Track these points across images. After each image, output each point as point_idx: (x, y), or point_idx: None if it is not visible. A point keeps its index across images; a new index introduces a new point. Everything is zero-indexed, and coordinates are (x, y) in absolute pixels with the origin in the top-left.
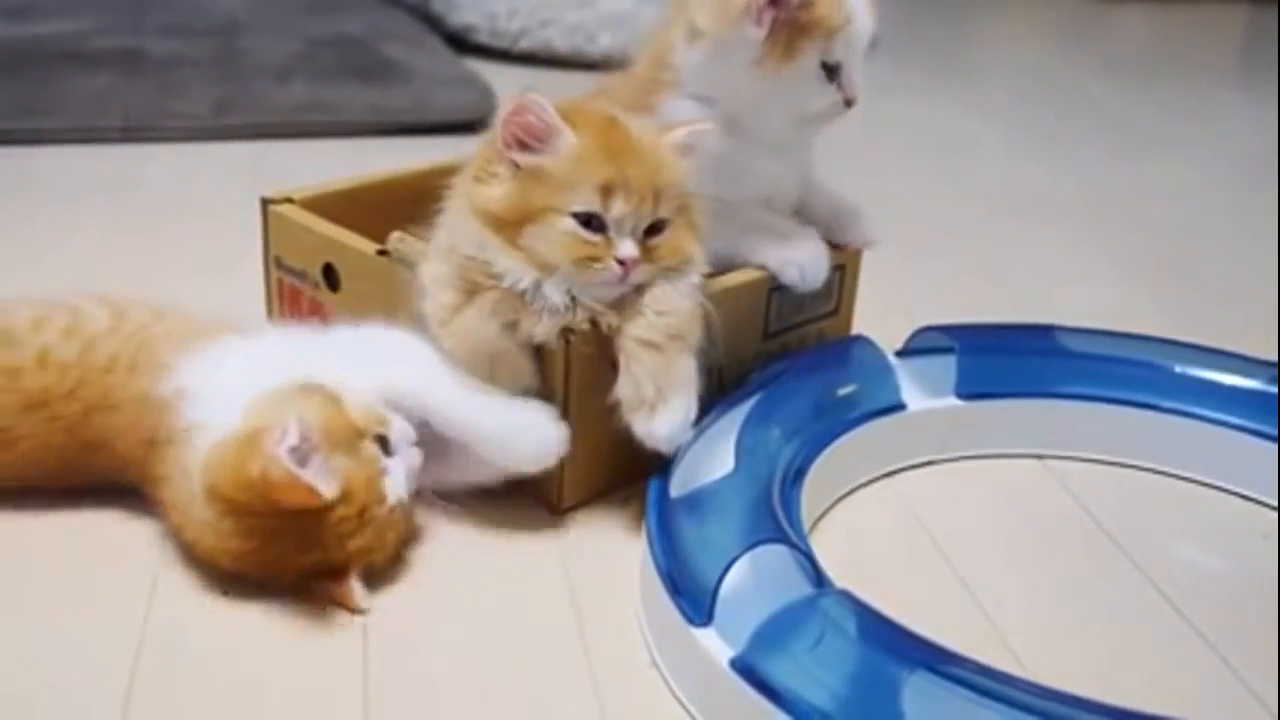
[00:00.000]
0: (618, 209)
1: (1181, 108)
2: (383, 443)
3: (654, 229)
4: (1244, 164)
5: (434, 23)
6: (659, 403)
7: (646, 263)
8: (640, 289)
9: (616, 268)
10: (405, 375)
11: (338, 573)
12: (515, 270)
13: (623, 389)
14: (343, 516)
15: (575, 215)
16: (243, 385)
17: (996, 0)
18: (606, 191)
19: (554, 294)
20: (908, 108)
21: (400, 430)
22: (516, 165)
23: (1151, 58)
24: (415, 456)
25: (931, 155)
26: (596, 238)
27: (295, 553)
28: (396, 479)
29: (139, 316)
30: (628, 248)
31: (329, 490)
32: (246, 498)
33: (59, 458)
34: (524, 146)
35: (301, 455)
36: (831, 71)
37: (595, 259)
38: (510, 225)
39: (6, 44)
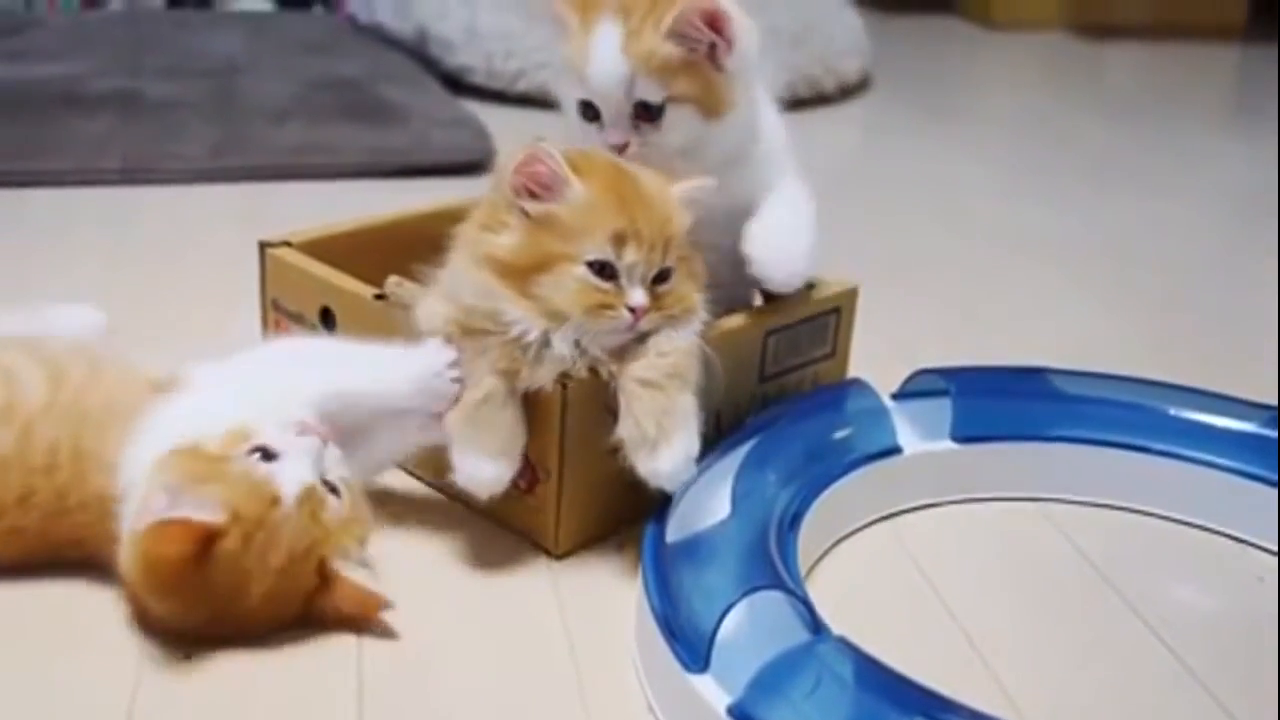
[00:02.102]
0: (630, 257)
1: (1175, 146)
2: (264, 452)
3: (661, 277)
4: (1239, 204)
5: (431, 64)
6: (661, 441)
7: (654, 311)
8: (642, 335)
9: (627, 316)
10: (309, 382)
11: (326, 585)
12: (524, 320)
13: (625, 429)
14: (247, 533)
15: (589, 264)
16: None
17: (987, 38)
18: (619, 240)
19: (562, 344)
20: (900, 146)
21: (277, 430)
22: (527, 214)
23: (1144, 96)
24: (313, 442)
25: (925, 194)
26: (608, 285)
27: (244, 594)
28: (289, 472)
29: (75, 377)
30: (639, 296)
31: (212, 514)
32: (165, 577)
33: (25, 556)
34: (533, 195)
35: (175, 507)
36: (588, 110)
37: (608, 307)
38: (521, 274)
39: (5, 86)
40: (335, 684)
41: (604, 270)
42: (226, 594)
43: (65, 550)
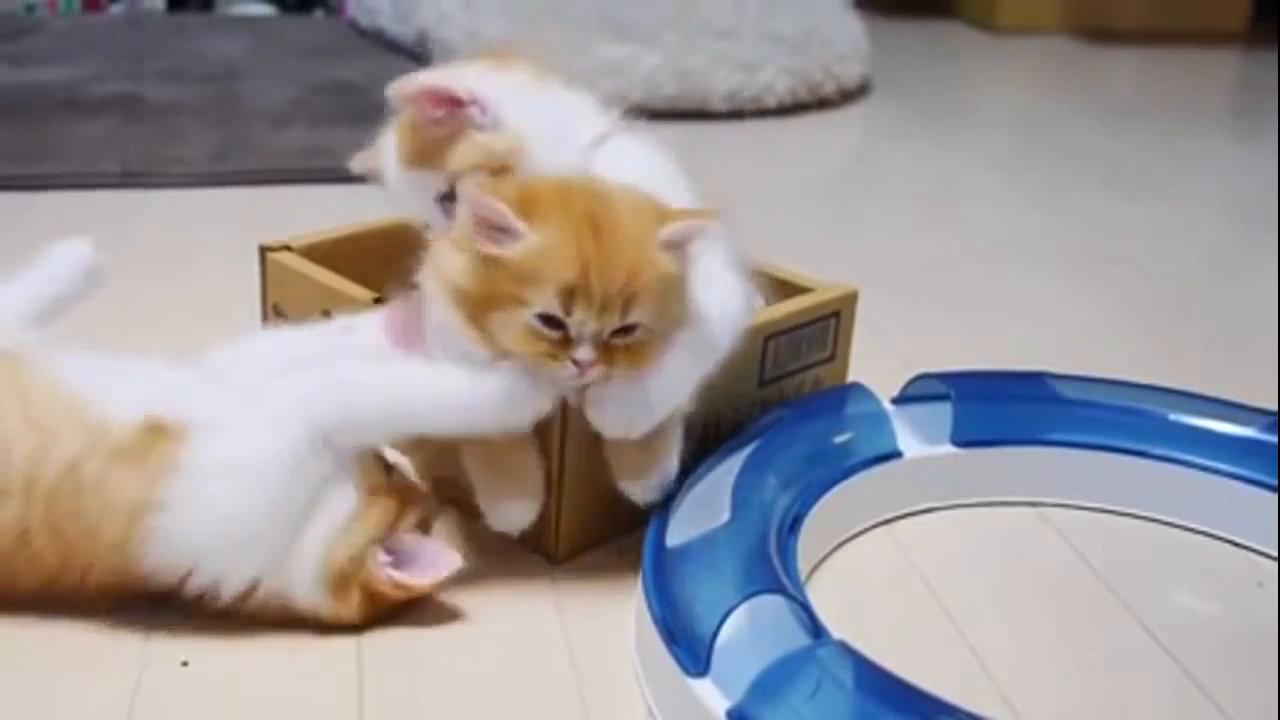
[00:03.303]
0: (578, 315)
1: (1176, 151)
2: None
3: (627, 330)
4: (1239, 208)
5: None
6: (646, 464)
7: (605, 364)
8: None
9: (572, 368)
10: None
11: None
12: (470, 347)
13: (611, 450)
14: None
15: (537, 315)
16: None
17: (988, 42)
18: (567, 296)
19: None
20: (900, 150)
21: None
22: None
23: (1144, 100)
24: None
25: (925, 199)
26: (556, 334)
27: None
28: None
29: (66, 446)
30: (584, 352)
31: (440, 573)
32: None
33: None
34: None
35: (396, 558)
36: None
37: (553, 357)
38: (473, 304)
39: (6, 90)
40: (334, 687)
41: (552, 321)
42: None
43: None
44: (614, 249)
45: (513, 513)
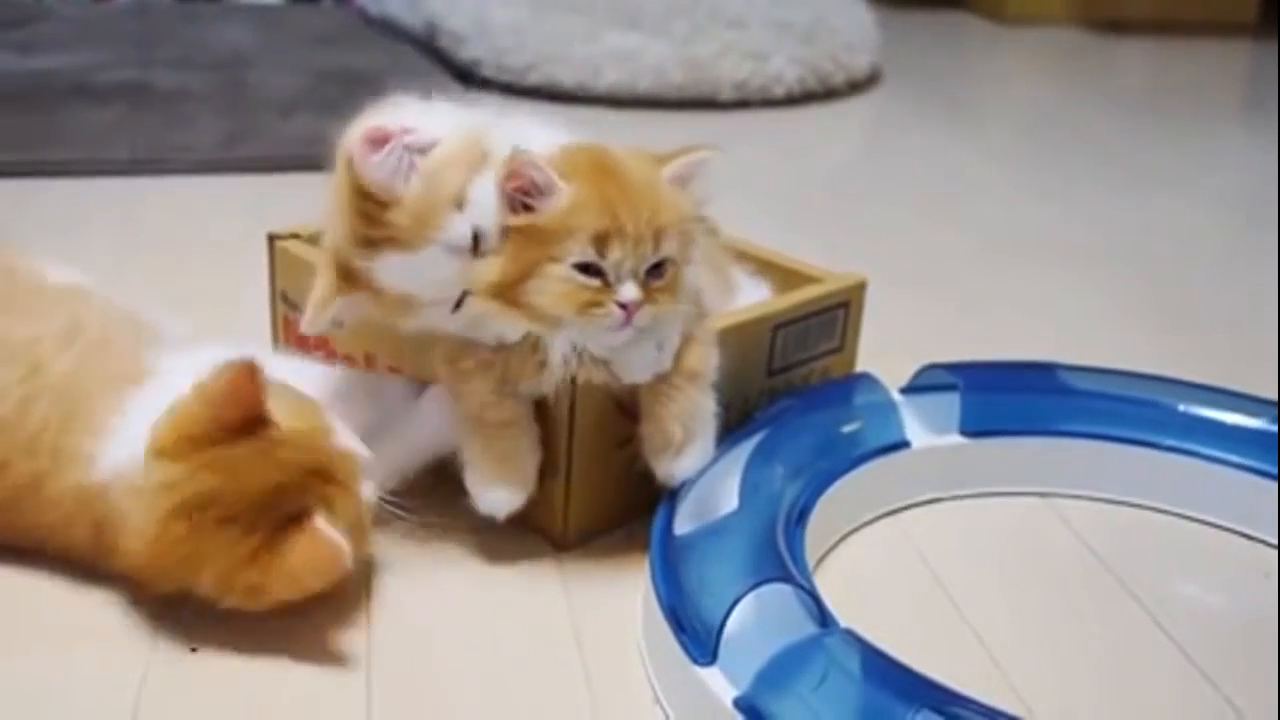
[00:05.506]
0: (615, 255)
1: (1184, 144)
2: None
3: (656, 271)
4: (1248, 200)
5: (441, 57)
6: (686, 444)
7: (650, 304)
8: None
9: (619, 312)
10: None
11: (301, 517)
12: (514, 327)
13: (649, 430)
14: (283, 440)
15: (575, 266)
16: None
17: (998, 33)
18: (601, 240)
19: (557, 349)
20: (909, 142)
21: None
22: (509, 229)
23: (1154, 92)
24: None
25: (934, 191)
26: (596, 282)
27: (258, 477)
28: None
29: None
30: (629, 291)
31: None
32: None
33: None
34: (525, 206)
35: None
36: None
37: (597, 304)
38: (509, 287)
39: (15, 77)
40: (342, 671)
41: (589, 269)
42: (246, 470)
43: (28, 536)
44: (632, 189)
45: (499, 499)
